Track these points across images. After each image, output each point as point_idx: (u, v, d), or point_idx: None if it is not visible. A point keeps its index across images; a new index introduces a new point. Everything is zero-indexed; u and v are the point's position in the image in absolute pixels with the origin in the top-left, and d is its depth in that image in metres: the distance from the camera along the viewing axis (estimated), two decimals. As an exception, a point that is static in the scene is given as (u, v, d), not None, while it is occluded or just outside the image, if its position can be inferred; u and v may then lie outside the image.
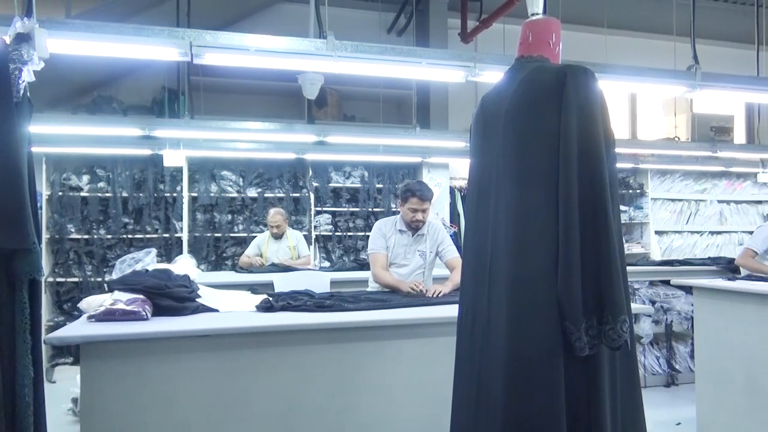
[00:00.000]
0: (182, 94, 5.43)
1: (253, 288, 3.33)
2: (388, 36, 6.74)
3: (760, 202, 7.57)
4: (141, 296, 2.40)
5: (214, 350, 2.25)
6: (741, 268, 4.20)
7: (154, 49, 2.60)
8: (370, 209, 6.28)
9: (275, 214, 4.95)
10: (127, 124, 4.43)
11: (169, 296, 2.47)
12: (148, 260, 3.15)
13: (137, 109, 5.75)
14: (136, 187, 5.72)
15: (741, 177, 7.41)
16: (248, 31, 2.86)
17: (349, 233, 6.25)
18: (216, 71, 4.55)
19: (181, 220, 5.76)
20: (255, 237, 5.29)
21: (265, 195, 6.05)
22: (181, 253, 5.60)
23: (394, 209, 6.09)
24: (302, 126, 5.34)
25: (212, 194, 5.91)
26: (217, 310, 2.56)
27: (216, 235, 5.92)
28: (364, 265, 4.74)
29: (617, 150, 5.37)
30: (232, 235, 5.97)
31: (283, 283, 3.73)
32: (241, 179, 6.04)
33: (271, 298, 2.70)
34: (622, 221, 6.80)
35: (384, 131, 5.53)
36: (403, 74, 3.06)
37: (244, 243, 5.79)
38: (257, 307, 2.60)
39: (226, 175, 5.99)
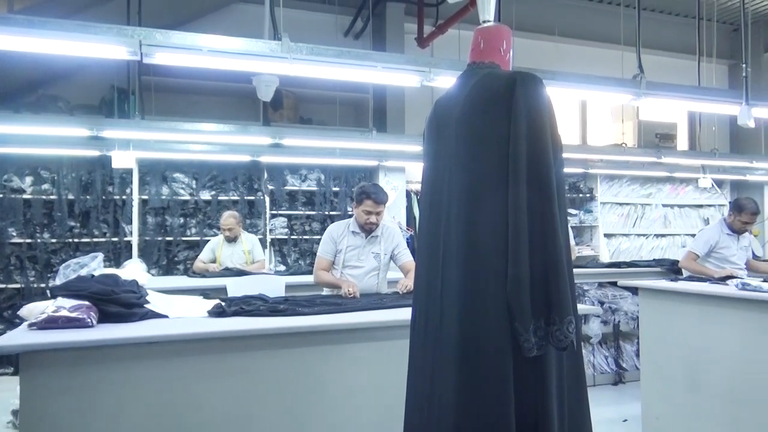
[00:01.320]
0: (132, 93, 5.29)
1: (205, 293, 3.26)
2: (345, 39, 6.74)
3: (701, 206, 7.91)
4: (86, 302, 2.31)
5: (163, 357, 2.19)
6: (683, 270, 4.38)
7: (101, 47, 2.52)
8: (326, 212, 6.25)
9: (228, 217, 4.86)
10: (73, 124, 4.28)
11: (116, 302, 2.39)
12: (94, 265, 3.04)
13: (85, 108, 5.56)
14: (83, 189, 5.53)
15: (684, 182, 7.73)
16: (203, 30, 2.81)
17: (305, 237, 6.21)
18: (168, 71, 4.44)
19: (131, 223, 5.60)
20: (209, 241, 5.19)
21: (219, 198, 5.94)
22: (130, 257, 5.43)
23: (350, 212, 6.08)
24: (257, 128, 5.27)
25: (164, 197, 5.77)
26: (166, 316, 2.50)
27: (167, 238, 5.78)
28: (320, 269, 4.71)
29: (569, 155, 5.50)
30: (184, 238, 5.84)
31: (236, 287, 3.67)
32: (194, 182, 5.92)
33: (223, 303, 2.65)
34: (573, 225, 6.99)
35: (341, 134, 5.53)
36: (359, 78, 3.06)
37: (196, 247, 5.68)
38: (209, 312, 2.55)
39: (179, 178, 5.86)
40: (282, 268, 5.97)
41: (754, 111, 3.71)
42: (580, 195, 7.24)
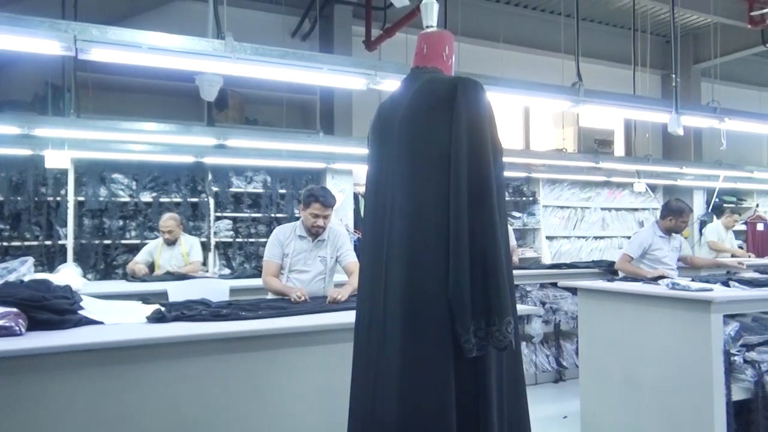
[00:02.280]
0: (68, 90, 5.06)
1: (145, 298, 3.16)
2: (293, 40, 6.68)
3: (636, 209, 8.28)
4: (14, 309, 2.19)
5: (98, 366, 2.10)
6: (619, 271, 4.55)
7: (32, 41, 2.41)
8: (272, 215, 6.17)
9: (168, 219, 4.71)
10: (3, 121, 4.06)
11: (47, 309, 2.28)
12: (23, 270, 2.89)
13: (15, 105, 5.28)
14: (14, 190, 5.25)
15: (620, 186, 8.06)
16: (144, 27, 2.72)
17: (250, 239, 6.11)
18: (107, 68, 4.28)
19: (66, 226, 5.36)
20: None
21: (161, 200, 5.76)
22: (65, 261, 5.20)
23: (297, 215, 6.03)
24: (201, 128, 5.15)
25: (101, 198, 5.55)
26: (102, 323, 2.40)
27: (105, 242, 5.56)
28: (266, 272, 4.65)
29: (513, 160, 5.63)
30: (123, 242, 5.64)
31: (177, 292, 3.57)
32: (134, 183, 5.72)
33: (163, 309, 2.57)
34: (517, 227, 7.17)
35: (287, 136, 5.48)
36: (305, 79, 3.05)
37: (136, 250, 5.47)
38: (148, 318, 2.47)
39: (118, 179, 5.65)
40: (226, 271, 5.85)
41: (683, 119, 3.91)
42: (524, 198, 7.43)
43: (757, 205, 8.72)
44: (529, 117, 8.29)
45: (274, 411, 2.37)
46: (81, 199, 5.48)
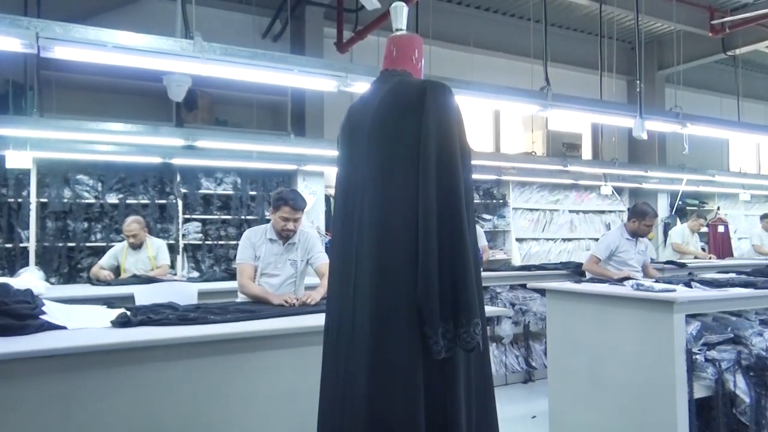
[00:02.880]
0: (30, 89, 4.93)
1: (110, 302, 3.08)
2: (263, 41, 6.63)
3: (603, 212, 8.44)
4: (-29, 314, 2.12)
5: (61, 372, 2.04)
6: (586, 272, 4.64)
7: (-9, 38, 2.34)
8: (242, 217, 6.11)
9: (131, 223, 4.61)
10: (-40, 120, 3.93)
11: (7, 314, 2.21)
12: (-18, 274, 2.80)
13: (-26, 103, 5.12)
14: (-28, 191, 5.09)
15: (588, 189, 8.22)
16: (110, 25, 2.66)
17: (220, 242, 6.03)
18: (71, 66, 4.17)
19: (28, 228, 5.21)
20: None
21: (128, 201, 5.65)
22: (26, 265, 5.06)
23: (267, 217, 5.98)
24: (169, 129, 5.06)
25: (65, 200, 5.41)
26: (65, 328, 2.34)
27: (69, 244, 5.42)
28: (235, 275, 4.58)
29: (484, 162, 5.67)
30: (88, 244, 5.50)
31: (144, 295, 3.49)
32: (99, 184, 5.59)
33: (128, 313, 2.52)
34: (487, 230, 7.24)
35: (258, 137, 5.44)
36: (275, 81, 3.03)
37: (102, 253, 5.35)
38: (113, 322, 2.41)
39: (83, 180, 5.52)
40: (195, 274, 5.76)
41: (647, 124, 4.01)
42: (494, 201, 7.51)
43: (718, 208, 8.98)
44: (500, 120, 8.39)
45: (243, 415, 2.34)
46: (44, 200, 5.33)
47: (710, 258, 6.97)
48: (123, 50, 2.57)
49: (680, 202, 8.68)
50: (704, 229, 7.76)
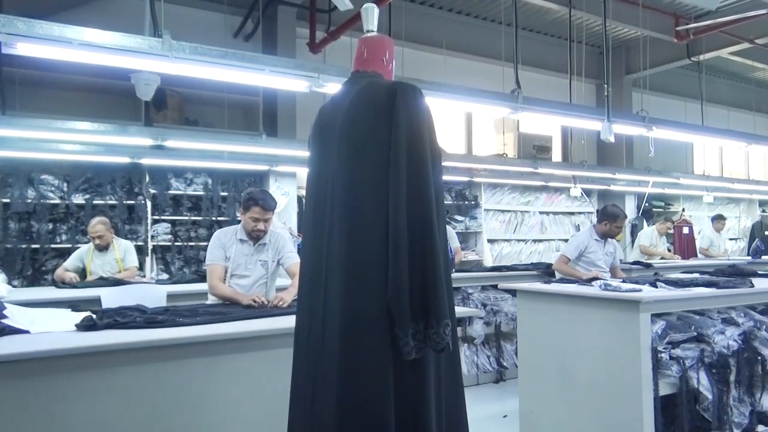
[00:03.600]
0: (-8, 86, 4.79)
1: (75, 305, 3.01)
2: (235, 40, 6.56)
3: (572, 213, 8.58)
4: (-73, 319, 2.05)
5: (23, 378, 1.98)
6: (556, 272, 4.71)
7: (-51, 33, 2.26)
8: (213, 218, 6.03)
9: (96, 224, 4.50)
10: None
11: (-34, 317, 2.14)
12: (-60, 276, 2.71)
13: (-68, 100, 4.95)
14: (-70, 191, 4.92)
15: (558, 191, 8.34)
16: (77, 22, 2.60)
17: (190, 243, 5.94)
18: (36, 63, 4.07)
19: (-11, 229, 5.07)
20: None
21: (94, 202, 5.53)
22: (-12, 267, 4.90)
23: (239, 218, 5.92)
24: (138, 128, 4.97)
25: (29, 200, 5.27)
26: (27, 332, 2.28)
27: (33, 246, 5.28)
28: (205, 277, 4.52)
29: (456, 164, 5.70)
30: (53, 246, 5.38)
31: (111, 298, 3.42)
32: (65, 184, 5.47)
33: (94, 316, 2.46)
34: (459, 231, 7.29)
35: (229, 137, 5.38)
36: (246, 80, 3.00)
37: (67, 255, 5.22)
38: (77, 326, 2.35)
39: (47, 180, 5.39)
40: (165, 276, 5.67)
41: (614, 127, 4.09)
42: (466, 202, 7.56)
43: (683, 210, 9.21)
44: (472, 122, 8.46)
45: (213, 419, 2.31)
46: (6, 200, 5.19)
47: (676, 258, 7.14)
48: (89, 48, 2.52)
49: (647, 204, 8.87)
50: (670, 231, 7.96)
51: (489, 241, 7.64)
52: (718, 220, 8.19)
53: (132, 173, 5.71)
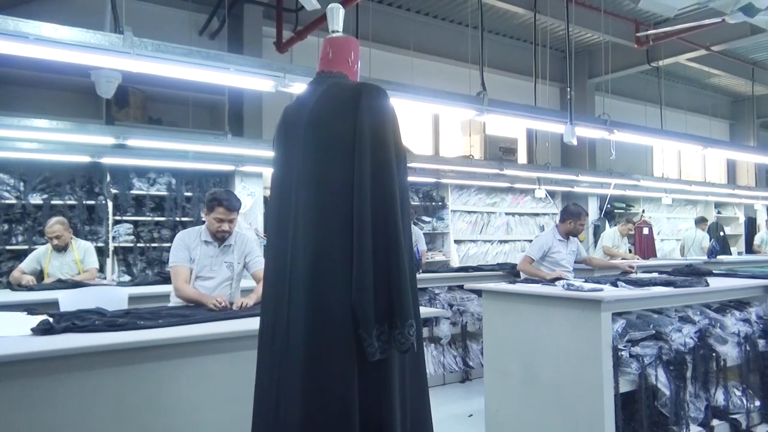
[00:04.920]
0: (-58, 81, 4.61)
1: (31, 308, 2.92)
2: (200, 38, 6.46)
3: (537, 214, 8.72)
4: None
5: (-25, 383, 1.92)
6: (521, 273, 4.77)
7: None
8: (177, 219, 5.92)
9: (54, 224, 4.37)
10: None
11: None
12: None
13: None
14: None
15: (523, 192, 8.47)
16: (34, 17, 2.52)
17: (153, 244, 5.82)
18: (-11, 58, 3.92)
19: (-60, 230, 4.87)
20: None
21: (52, 202, 5.37)
22: (-62, 269, 4.71)
23: (203, 219, 5.83)
24: (98, 127, 4.86)
25: (-17, 200, 5.09)
26: (-21, 336, 2.20)
27: (-13, 247, 5.10)
28: (168, 278, 4.43)
29: (423, 165, 5.72)
30: (9, 247, 5.20)
31: (69, 301, 3.32)
32: (21, 184, 5.29)
33: (51, 319, 2.39)
34: (427, 231, 7.33)
35: (194, 137, 5.29)
36: (210, 79, 2.96)
37: (23, 256, 5.06)
38: (33, 329, 2.28)
39: (3, 179, 5.22)
40: (126, 278, 5.54)
41: (576, 130, 4.17)
42: (433, 203, 7.61)
43: (643, 211, 9.47)
44: (439, 124, 8.52)
45: (176, 423, 2.27)
46: (-42, 200, 5.00)
47: (636, 259, 7.33)
48: (46, 43, 2.44)
49: (608, 206, 9.09)
50: (631, 232, 8.16)
51: (456, 241, 7.71)
52: (702, 221, 8.58)
53: (92, 173, 5.56)
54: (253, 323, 2.31)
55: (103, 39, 2.54)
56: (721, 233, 10.09)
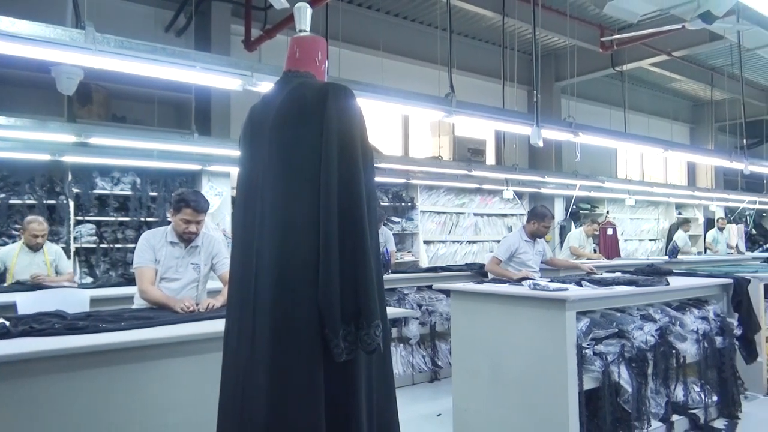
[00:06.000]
0: None
1: (-14, 311, 2.82)
2: (166, 35, 6.35)
3: (505, 215, 8.83)
4: None
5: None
6: (489, 273, 4.83)
7: None
8: (142, 219, 5.80)
9: (41, 223, 4.26)
10: None
11: None
12: None
13: None
14: None
15: (491, 193, 8.56)
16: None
17: (116, 245, 5.69)
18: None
19: None
20: (-4, 249, 4.50)
21: (11, 201, 5.20)
22: None
23: (169, 219, 5.72)
24: (59, 124, 4.72)
25: (-63, 199, 4.90)
26: (-70, 341, 2.11)
27: (-59, 248, 4.90)
28: (133, 280, 4.33)
29: (392, 166, 5.71)
30: (-36, 248, 5.00)
31: (28, 304, 3.22)
32: (-23, 182, 5.11)
33: (7, 323, 2.31)
34: (396, 232, 7.35)
35: (159, 136, 5.18)
36: (175, 77, 2.90)
37: (-21, 257, 4.90)
38: (-12, 333, 2.21)
39: (-43, 177, 5.03)
40: (89, 280, 5.40)
41: (543, 132, 4.24)
42: (403, 204, 7.63)
43: (608, 212, 9.67)
44: (408, 125, 8.55)
45: (139, 428, 2.22)
46: None
47: (600, 259, 7.48)
48: (3, 37, 2.36)
49: (574, 206, 9.26)
50: (596, 233, 8.33)
51: (425, 242, 7.75)
52: (684, 223, 8.85)
53: (53, 171, 5.42)
54: (218, 325, 2.27)
55: (64, 34, 2.46)
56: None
